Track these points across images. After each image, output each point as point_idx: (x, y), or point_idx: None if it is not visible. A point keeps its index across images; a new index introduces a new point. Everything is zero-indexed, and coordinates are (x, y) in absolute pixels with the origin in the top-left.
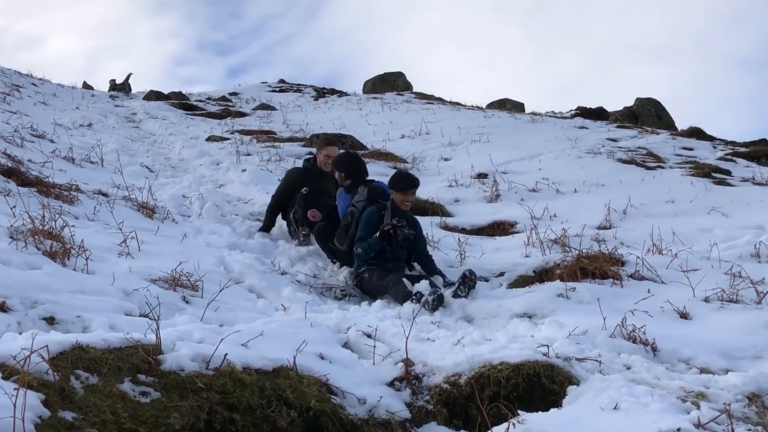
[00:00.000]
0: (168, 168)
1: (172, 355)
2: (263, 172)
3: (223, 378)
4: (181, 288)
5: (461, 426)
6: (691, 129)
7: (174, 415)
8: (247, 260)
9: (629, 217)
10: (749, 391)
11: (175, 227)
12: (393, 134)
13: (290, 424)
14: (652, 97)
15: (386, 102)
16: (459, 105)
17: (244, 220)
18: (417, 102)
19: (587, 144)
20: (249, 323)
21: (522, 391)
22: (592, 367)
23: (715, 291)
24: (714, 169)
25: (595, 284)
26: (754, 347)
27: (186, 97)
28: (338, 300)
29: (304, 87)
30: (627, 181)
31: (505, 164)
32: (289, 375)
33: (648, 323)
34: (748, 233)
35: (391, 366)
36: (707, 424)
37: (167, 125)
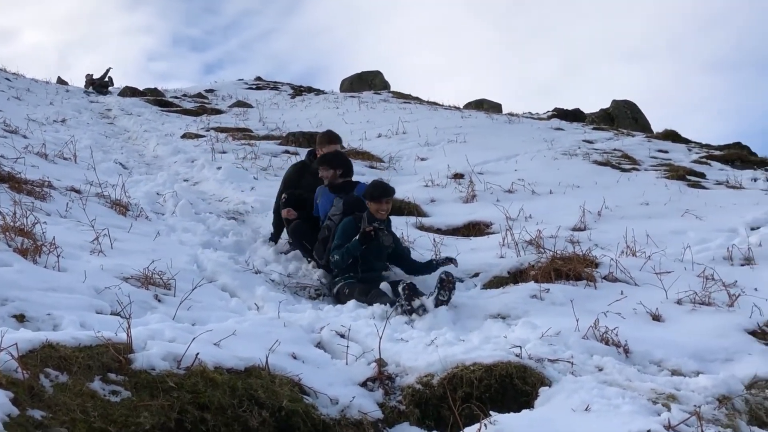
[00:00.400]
0: (142, 165)
1: (143, 354)
2: (239, 170)
3: (195, 377)
4: (154, 286)
5: (433, 426)
6: (667, 132)
7: (144, 415)
8: (220, 259)
9: (604, 218)
10: (719, 393)
11: (148, 225)
12: (370, 133)
13: (262, 424)
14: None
15: (363, 101)
16: (436, 105)
17: (219, 218)
18: (394, 101)
19: (563, 145)
20: (221, 322)
21: (494, 391)
22: (564, 369)
23: (688, 293)
24: (688, 172)
25: (569, 286)
26: (726, 350)
27: (161, 93)
28: (312, 299)
29: (281, 85)
30: (602, 182)
31: (482, 165)
32: (261, 375)
33: (620, 325)
34: (721, 236)
35: (364, 366)
36: (677, 426)
37: (142, 122)
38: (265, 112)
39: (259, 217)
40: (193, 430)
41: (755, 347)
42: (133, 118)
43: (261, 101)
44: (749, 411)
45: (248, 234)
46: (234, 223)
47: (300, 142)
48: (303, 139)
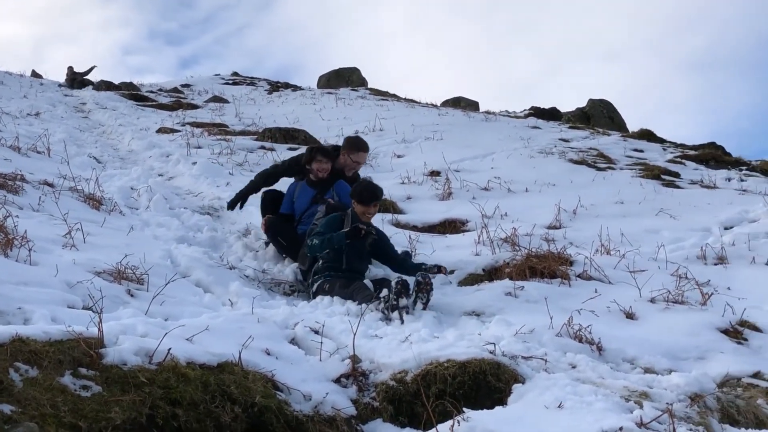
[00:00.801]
0: (116, 159)
1: (115, 348)
2: (214, 165)
3: (167, 373)
4: (126, 281)
5: (407, 423)
6: (642, 131)
7: (115, 410)
8: (194, 254)
9: (579, 217)
10: (692, 391)
11: (122, 219)
12: (347, 130)
13: (234, 419)
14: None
15: (341, 97)
16: (414, 102)
17: (194, 214)
18: (372, 98)
19: (539, 144)
20: (195, 318)
21: (468, 388)
22: (537, 366)
23: (661, 292)
24: (663, 171)
25: (544, 283)
26: (698, 348)
27: (137, 87)
28: (287, 296)
29: (258, 80)
30: (578, 181)
31: (458, 162)
32: (234, 370)
33: (594, 323)
34: (694, 235)
35: (338, 362)
36: (649, 424)
37: (117, 116)
38: (241, 107)
39: (234, 212)
40: (165, 425)
41: (727, 346)
42: (108, 112)
43: (237, 96)
44: (721, 409)
45: (223, 229)
46: (209, 219)
47: (276, 138)
48: (279, 134)
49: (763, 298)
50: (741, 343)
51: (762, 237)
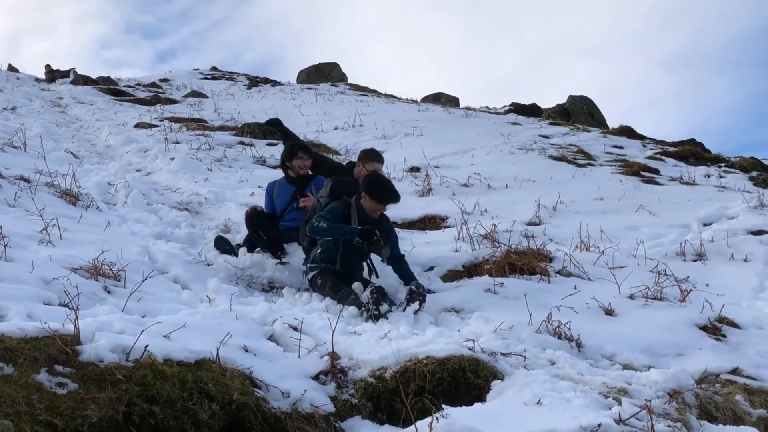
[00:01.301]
0: (94, 154)
1: (91, 345)
2: (192, 160)
3: (143, 370)
4: (103, 277)
5: (385, 420)
6: (622, 127)
7: (91, 407)
8: (172, 250)
9: (559, 213)
10: (670, 387)
11: (99, 215)
12: (326, 125)
13: (211, 417)
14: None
15: (320, 93)
16: (394, 98)
17: (172, 210)
18: (351, 93)
19: (520, 140)
20: (172, 314)
21: (447, 385)
22: (516, 362)
23: (640, 288)
24: (643, 168)
25: (523, 280)
26: (677, 344)
27: (115, 82)
28: (265, 292)
29: (237, 75)
30: (557, 177)
31: (438, 158)
32: (211, 367)
33: (573, 319)
34: (674, 232)
35: (317, 359)
36: (628, 420)
37: (94, 111)
38: (220, 102)
39: (213, 208)
40: (141, 423)
41: (706, 342)
42: (86, 106)
43: (216, 91)
44: (699, 405)
45: (201, 225)
46: (187, 215)
47: (255, 134)
48: (258, 130)
49: (741, 294)
50: (719, 339)
51: (741, 233)
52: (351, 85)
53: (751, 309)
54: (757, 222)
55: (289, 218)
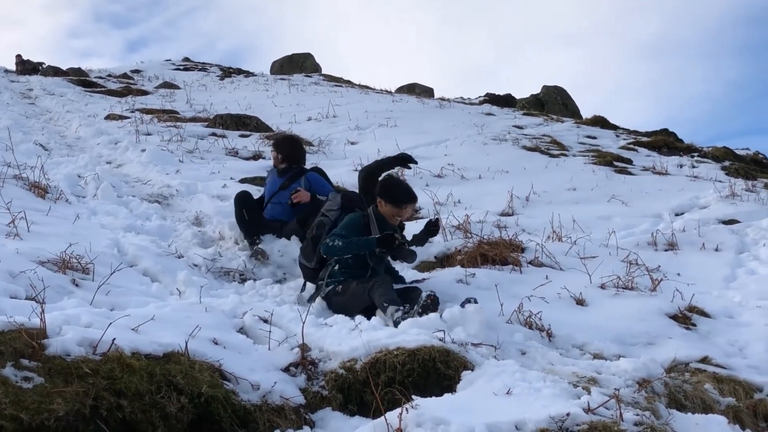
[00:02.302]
0: (63, 146)
1: (58, 339)
2: (164, 152)
3: (111, 363)
4: (71, 271)
5: (356, 411)
6: (595, 118)
7: (58, 401)
8: (142, 243)
9: (531, 204)
10: (640, 376)
11: (68, 208)
12: (300, 116)
13: (180, 410)
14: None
15: (294, 83)
16: (368, 88)
17: (142, 202)
18: (325, 84)
19: (493, 131)
20: (141, 307)
21: (417, 376)
22: (487, 353)
23: (612, 278)
24: (616, 158)
25: (495, 270)
26: (647, 333)
27: (85, 73)
28: (236, 284)
29: (210, 66)
30: (531, 168)
31: (412, 149)
32: (180, 360)
33: (544, 309)
34: (646, 222)
35: (287, 351)
36: (597, 409)
37: (65, 102)
38: (192, 93)
39: (184, 200)
40: (109, 416)
41: (676, 331)
42: (56, 98)
43: (189, 82)
44: (668, 394)
45: (172, 218)
46: (158, 207)
47: (228, 125)
48: (231, 121)
49: (712, 283)
50: (689, 328)
51: (712, 223)
52: (325, 76)
53: (721, 298)
54: (728, 211)
55: (276, 202)
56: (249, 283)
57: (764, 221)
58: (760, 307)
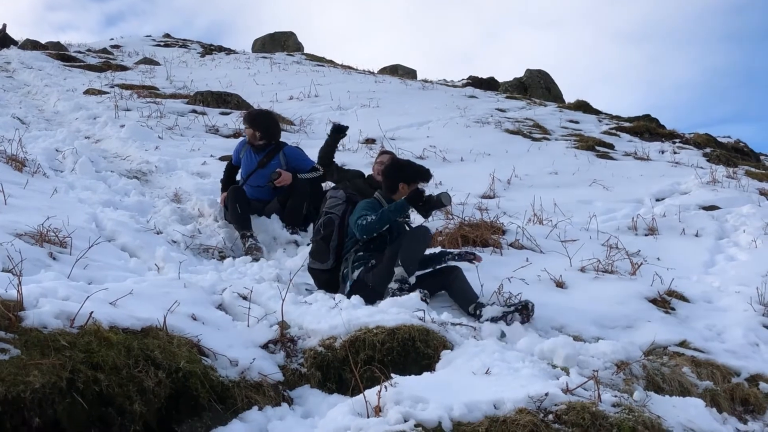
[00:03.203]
0: (42, 120)
1: (35, 311)
2: (143, 128)
3: (88, 336)
4: (49, 244)
5: (335, 389)
6: (578, 102)
7: (34, 373)
8: (121, 218)
9: (513, 186)
10: (618, 359)
11: (46, 182)
12: (281, 95)
13: (157, 384)
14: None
15: (276, 62)
16: (350, 69)
17: (121, 177)
18: (307, 63)
19: (476, 113)
20: (119, 282)
21: (396, 354)
22: (467, 332)
23: (592, 261)
24: (598, 143)
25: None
26: (626, 317)
27: (65, 47)
28: (215, 261)
29: (191, 43)
30: (513, 151)
31: (394, 130)
32: (158, 335)
33: (524, 291)
34: (627, 206)
35: (266, 328)
36: (575, 390)
37: (43, 76)
38: (173, 70)
39: (163, 176)
40: (86, 390)
41: (655, 314)
42: (34, 72)
43: (169, 59)
44: (646, 376)
45: (151, 194)
46: (136, 183)
47: (208, 102)
48: (211, 98)
49: (691, 268)
50: (668, 312)
51: (692, 209)
52: (307, 55)
53: (700, 283)
54: (708, 198)
55: (255, 183)
56: (228, 260)
57: (744, 208)
58: (739, 292)
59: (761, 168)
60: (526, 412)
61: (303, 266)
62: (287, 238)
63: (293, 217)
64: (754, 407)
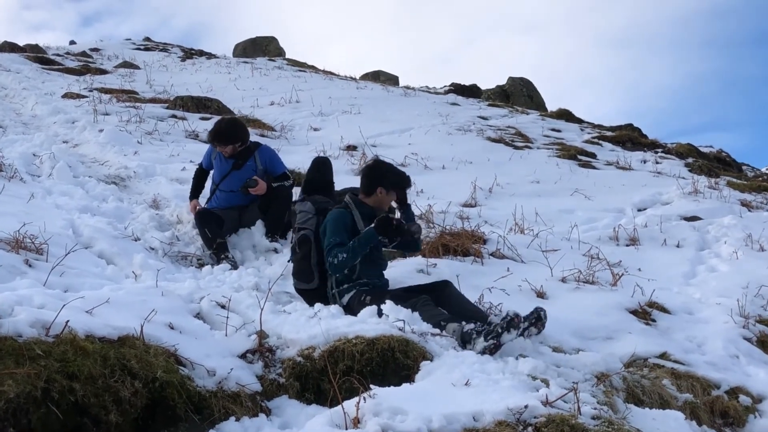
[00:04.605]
0: (19, 124)
1: (9, 320)
2: (122, 133)
3: (64, 345)
4: (24, 251)
5: (313, 400)
6: (560, 111)
7: (8, 383)
8: (98, 224)
9: (494, 195)
10: (598, 370)
11: (22, 187)
12: (262, 101)
13: (134, 394)
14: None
15: (257, 67)
16: (332, 74)
17: (99, 183)
18: (289, 69)
19: (458, 121)
20: (96, 290)
21: (376, 365)
22: (446, 344)
23: (573, 272)
24: (580, 152)
25: (456, 261)
26: (606, 328)
27: (43, 50)
28: (193, 269)
29: (171, 46)
30: (495, 159)
31: (375, 137)
32: (135, 344)
33: (505, 301)
34: (608, 216)
35: (244, 338)
36: (555, 402)
37: (21, 79)
38: (153, 74)
39: (142, 182)
40: (61, 399)
41: (635, 326)
42: (11, 74)
43: (149, 63)
44: (626, 389)
45: (130, 200)
46: (115, 188)
47: (188, 107)
48: (192, 103)
49: (672, 279)
50: (649, 324)
51: (674, 219)
52: (289, 61)
53: (681, 294)
54: (690, 208)
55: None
56: (206, 268)
57: (726, 219)
58: (720, 304)
59: (743, 179)
60: (505, 424)
61: (282, 275)
62: (267, 246)
63: (275, 225)
64: (734, 420)
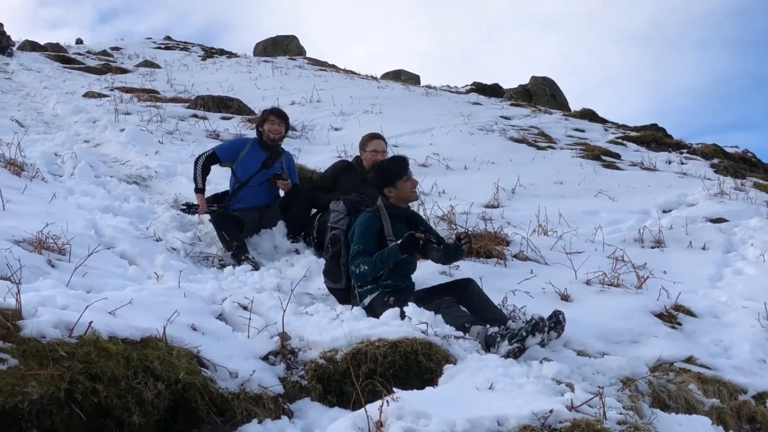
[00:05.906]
0: (40, 123)
1: (33, 320)
2: (143, 132)
3: (87, 347)
4: (47, 251)
5: (335, 402)
6: (584, 110)
7: (32, 384)
8: (120, 224)
9: (517, 196)
10: (624, 375)
11: (44, 187)
12: (283, 100)
13: (156, 396)
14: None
15: (278, 66)
16: (353, 74)
17: (120, 183)
18: (310, 68)
19: (480, 120)
20: (118, 291)
21: (398, 368)
22: (470, 347)
23: (597, 274)
24: (604, 152)
25: (479, 263)
26: (632, 331)
27: (64, 49)
28: (215, 270)
29: (192, 45)
30: (517, 160)
31: (397, 137)
32: (157, 346)
33: (528, 304)
34: (633, 217)
35: (267, 339)
36: (580, 407)
37: (42, 78)
38: (173, 73)
39: (163, 182)
40: (84, 401)
41: (661, 330)
42: (33, 74)
43: (170, 62)
44: (652, 393)
45: (151, 200)
46: (136, 188)
47: (209, 107)
48: (212, 103)
49: (698, 282)
50: (675, 327)
51: (699, 221)
52: (309, 60)
53: (707, 297)
54: (716, 210)
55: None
56: (228, 269)
57: (752, 221)
58: (746, 307)
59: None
60: (530, 429)
61: (305, 276)
62: (288, 247)
63: (296, 226)
64: (761, 425)
